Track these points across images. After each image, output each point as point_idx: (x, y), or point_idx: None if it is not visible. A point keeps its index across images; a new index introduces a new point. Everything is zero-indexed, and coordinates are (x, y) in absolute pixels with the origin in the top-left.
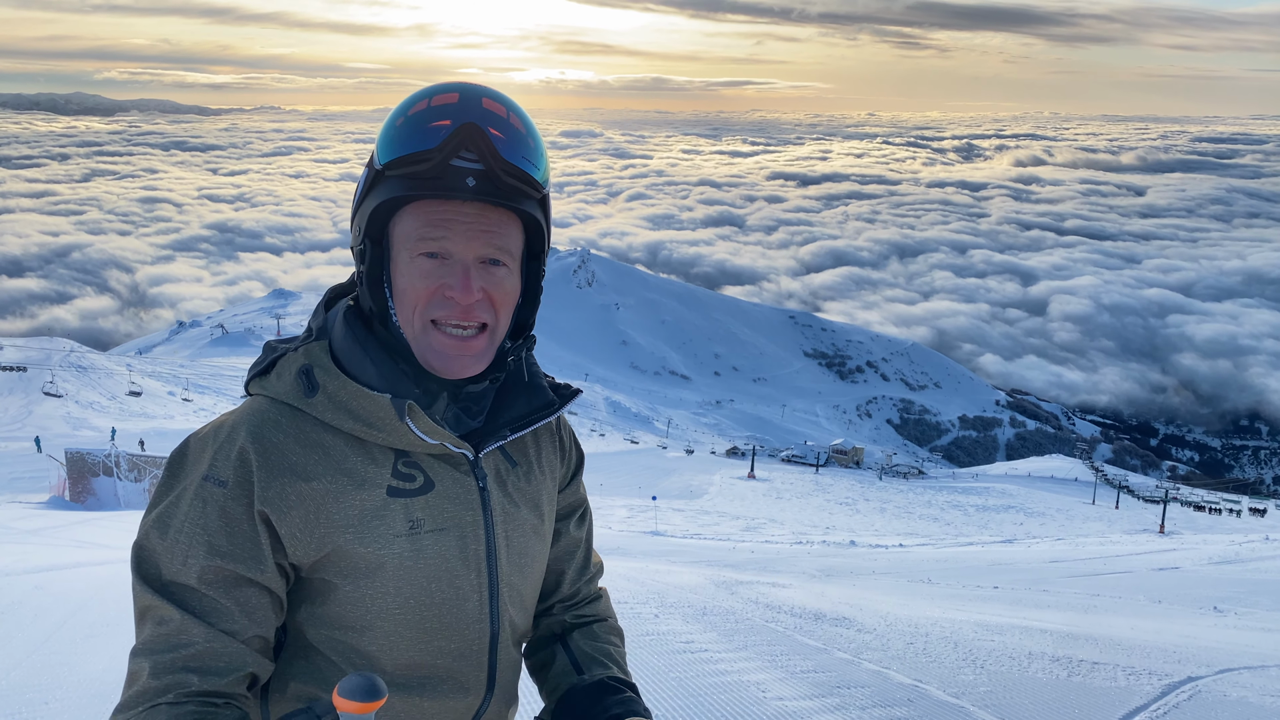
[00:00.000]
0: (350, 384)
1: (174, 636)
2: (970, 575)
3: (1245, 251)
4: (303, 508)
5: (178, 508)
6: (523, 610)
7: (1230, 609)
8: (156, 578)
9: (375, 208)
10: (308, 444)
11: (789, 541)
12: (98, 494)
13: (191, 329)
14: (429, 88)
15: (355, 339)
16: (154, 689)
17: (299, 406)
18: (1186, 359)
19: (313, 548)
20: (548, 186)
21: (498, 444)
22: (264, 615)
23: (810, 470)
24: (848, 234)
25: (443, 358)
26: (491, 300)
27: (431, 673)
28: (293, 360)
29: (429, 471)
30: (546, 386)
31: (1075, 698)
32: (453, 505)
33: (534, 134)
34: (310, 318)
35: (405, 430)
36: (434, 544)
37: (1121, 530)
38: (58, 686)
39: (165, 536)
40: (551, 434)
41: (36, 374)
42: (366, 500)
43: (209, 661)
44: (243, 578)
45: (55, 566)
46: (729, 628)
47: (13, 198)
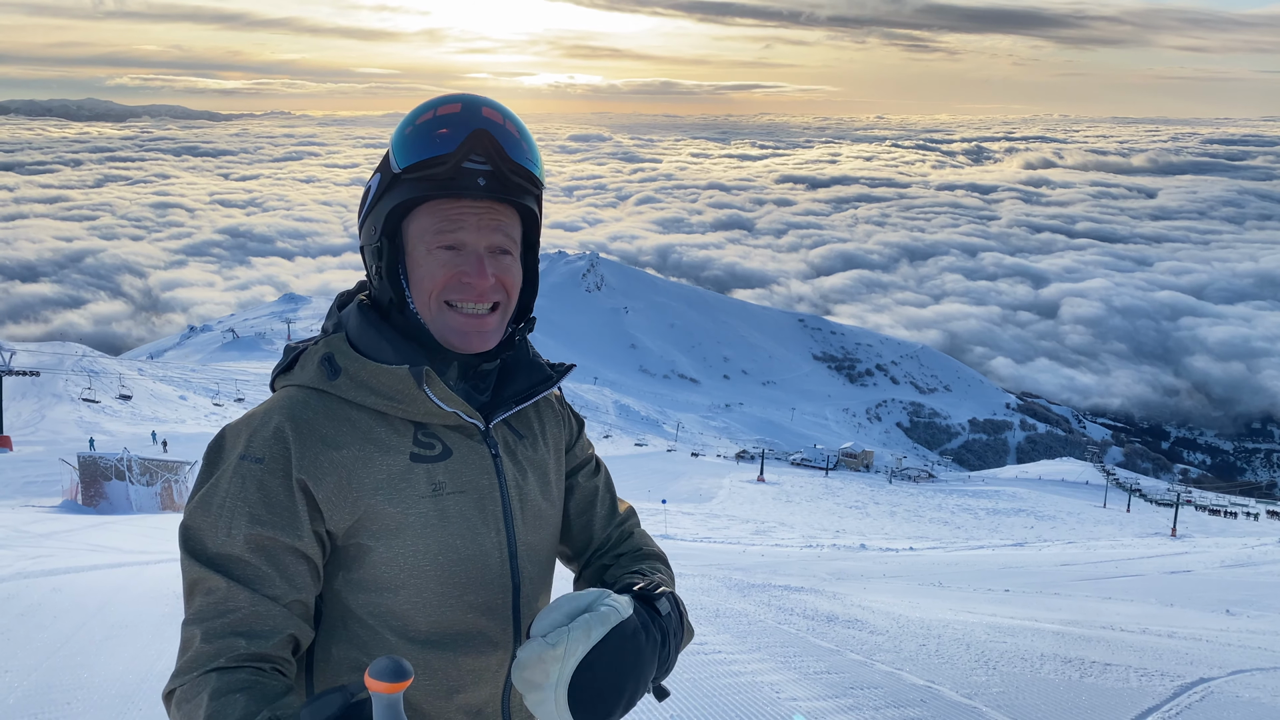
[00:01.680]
0: (369, 363)
1: (221, 604)
2: (981, 578)
3: (1258, 254)
4: (335, 474)
5: (218, 487)
6: (540, 567)
7: (1242, 611)
8: (203, 552)
9: (393, 207)
10: (336, 418)
11: (799, 545)
12: (110, 498)
13: (203, 333)
14: (433, 100)
15: (371, 325)
16: (206, 653)
17: (324, 389)
18: (1199, 362)
19: (347, 511)
20: (544, 184)
21: (505, 414)
22: (304, 581)
23: (820, 474)
24: (857, 237)
25: (461, 335)
26: (503, 284)
27: (462, 628)
28: (314, 352)
29: (446, 440)
30: (544, 364)
31: (1087, 699)
32: (470, 470)
33: (528, 137)
34: (325, 319)
35: (423, 400)
36: (456, 504)
37: (1133, 533)
38: (78, 688)
39: (208, 513)
40: (552, 407)
41: (49, 379)
42: (393, 465)
43: (254, 625)
44: (283, 544)
45: (72, 569)
46: (742, 630)
47: (26, 203)
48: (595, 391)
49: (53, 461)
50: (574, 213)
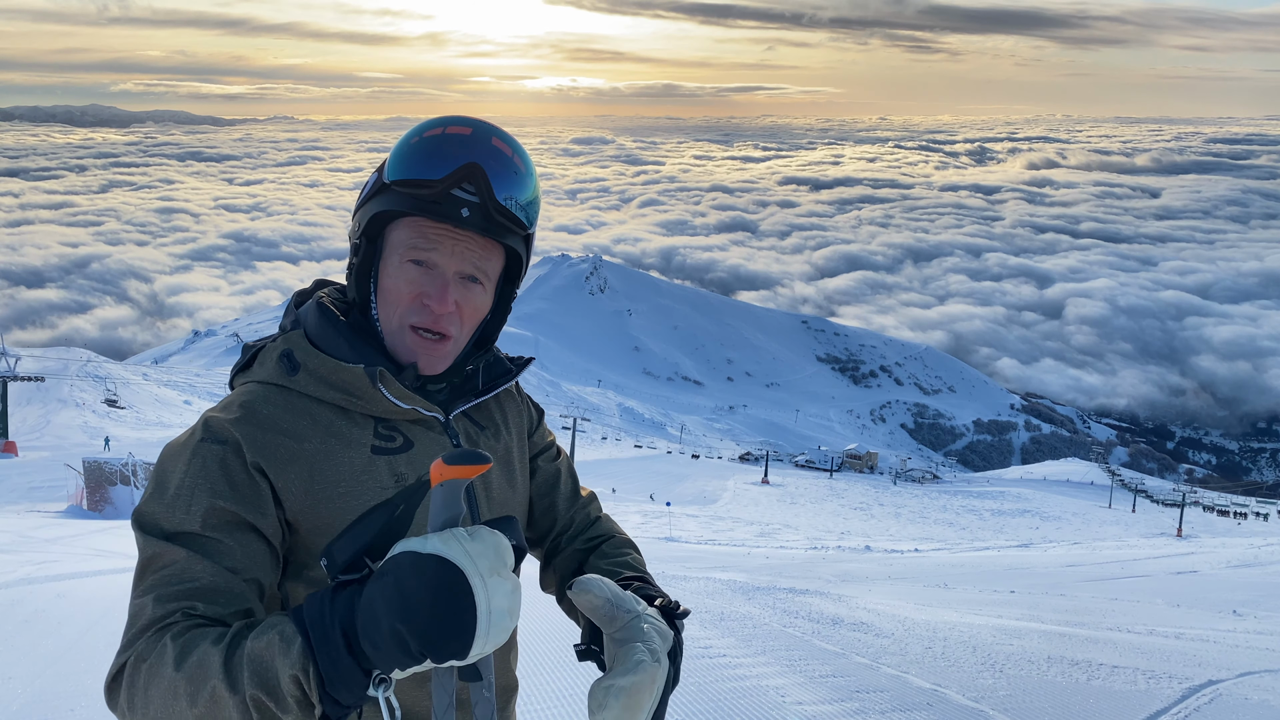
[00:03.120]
0: (328, 360)
1: (179, 575)
2: (987, 580)
3: (1263, 253)
4: (297, 466)
5: (174, 472)
6: None
7: (1250, 612)
8: (159, 530)
9: (376, 213)
10: (296, 412)
11: (804, 547)
12: (115, 503)
13: (207, 338)
14: (447, 117)
15: (329, 323)
16: (159, 615)
17: (284, 384)
18: (1205, 361)
19: (309, 504)
20: (533, 228)
21: (466, 405)
22: (263, 561)
23: (824, 475)
24: (861, 238)
25: (410, 354)
26: (461, 314)
27: None
28: (272, 349)
29: (407, 434)
30: (504, 358)
31: (1095, 701)
32: (431, 461)
33: (531, 177)
34: (282, 318)
35: (380, 397)
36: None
37: (1139, 534)
38: (83, 694)
39: (164, 498)
40: (513, 397)
41: (54, 384)
42: (355, 458)
43: (213, 595)
44: (244, 521)
45: (76, 575)
46: (747, 633)
47: (32, 209)
48: (599, 394)
49: (58, 467)
50: (577, 215)
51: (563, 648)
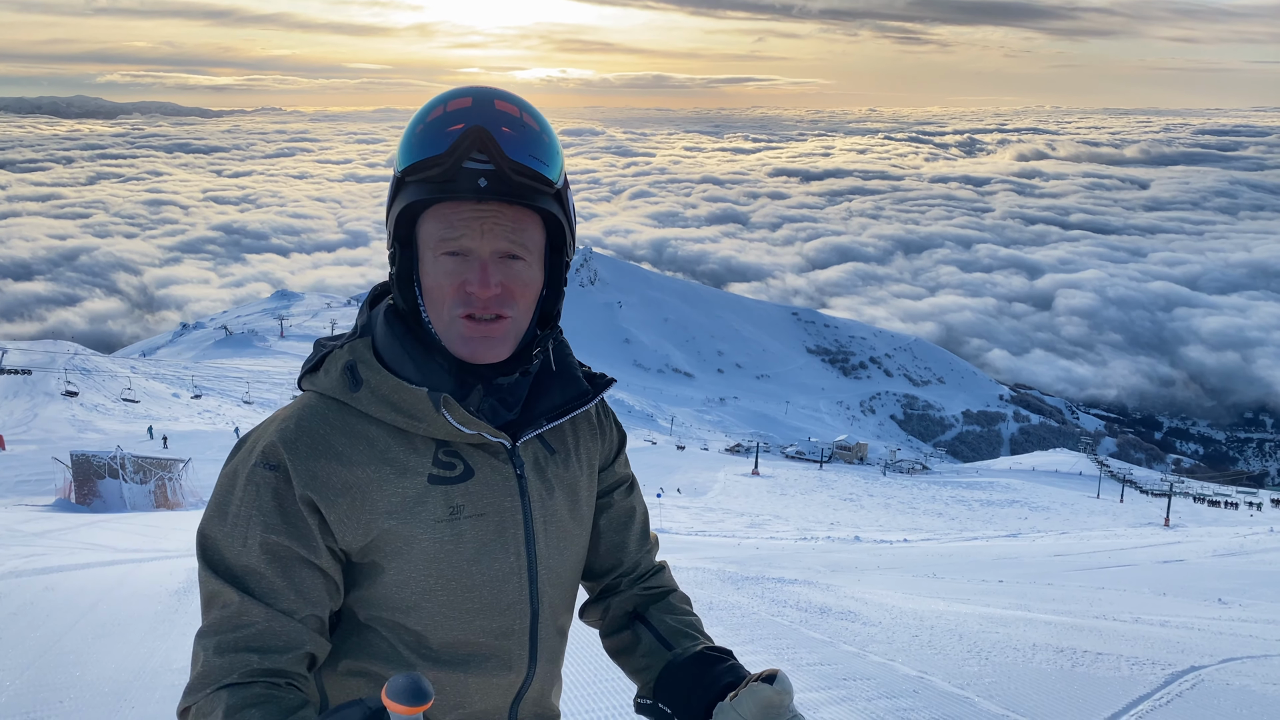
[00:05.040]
0: (391, 378)
1: (235, 619)
2: (974, 570)
3: (1251, 244)
4: (348, 495)
5: (233, 494)
6: (562, 591)
7: (1235, 600)
8: (220, 562)
9: (400, 212)
10: (352, 435)
11: (793, 538)
12: (103, 496)
13: (195, 331)
14: (446, 93)
15: (395, 336)
16: (218, 667)
17: (344, 400)
18: (1194, 352)
19: (359, 533)
20: (560, 182)
21: (534, 433)
22: (318, 596)
23: (814, 466)
24: (852, 230)
25: (468, 343)
26: (511, 293)
27: (476, 650)
28: (339, 357)
29: (469, 460)
30: (581, 376)
31: (1079, 688)
32: (491, 492)
33: (548, 132)
34: (357, 315)
35: (444, 421)
36: (473, 528)
37: (1126, 524)
38: (71, 686)
39: (224, 522)
40: (590, 422)
41: (41, 377)
42: (409, 488)
43: (269, 640)
44: (298, 556)
45: (65, 568)
46: (735, 622)
47: (19, 201)
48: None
49: (45, 460)
50: None
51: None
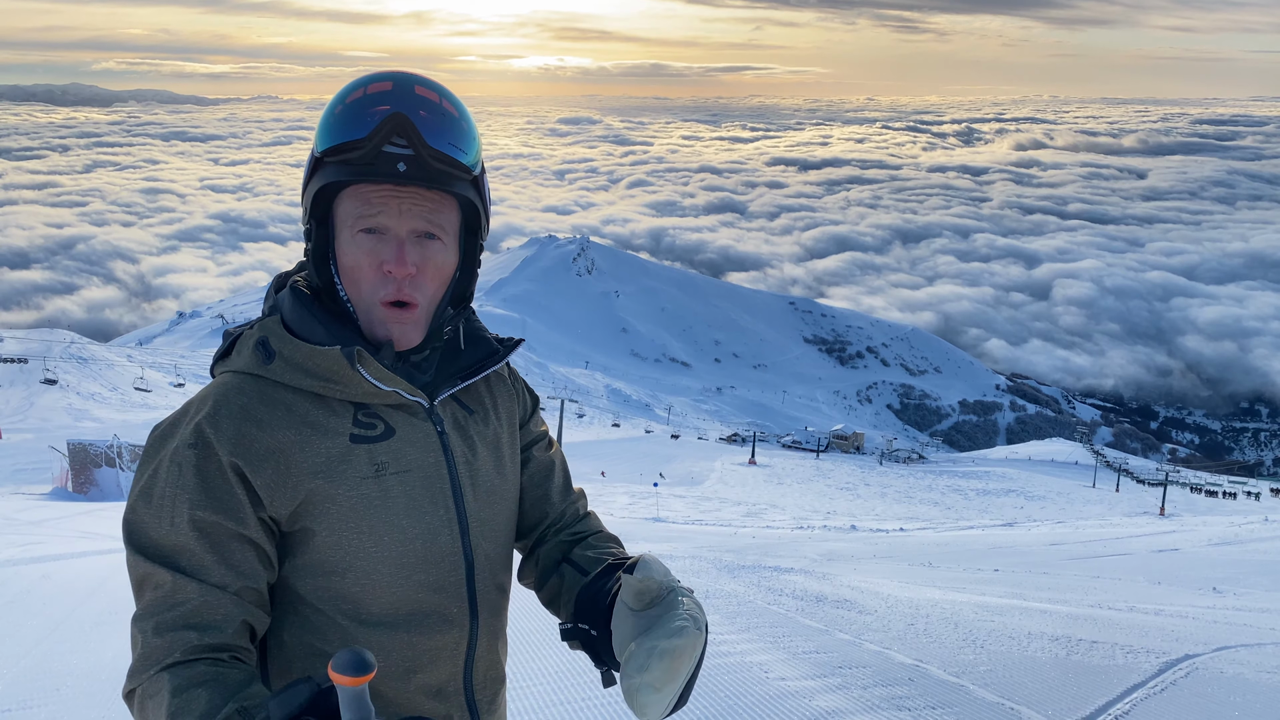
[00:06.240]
0: (303, 345)
1: (170, 598)
2: (970, 558)
3: (1248, 234)
4: (272, 459)
5: (157, 477)
6: (496, 544)
7: (1229, 589)
8: (149, 545)
9: (317, 191)
10: (271, 403)
11: (790, 527)
12: (100, 485)
13: (192, 319)
14: (366, 76)
15: (304, 307)
16: (158, 647)
17: (259, 374)
18: (1191, 341)
19: (287, 497)
20: (477, 169)
21: (450, 391)
22: (252, 569)
23: (811, 456)
24: (850, 219)
25: (385, 329)
26: (424, 274)
27: (415, 608)
28: (249, 337)
29: (388, 420)
30: (491, 338)
31: (1074, 676)
32: (414, 449)
33: (466, 118)
34: (262, 303)
35: (360, 381)
36: (400, 484)
37: (1122, 513)
38: (68, 674)
39: (150, 504)
40: (505, 382)
41: (37, 366)
42: (332, 447)
43: (206, 615)
44: (228, 529)
45: (61, 556)
46: (731, 610)
47: (15, 189)
48: (587, 376)
49: (42, 449)
50: (566, 196)
51: (547, 628)
